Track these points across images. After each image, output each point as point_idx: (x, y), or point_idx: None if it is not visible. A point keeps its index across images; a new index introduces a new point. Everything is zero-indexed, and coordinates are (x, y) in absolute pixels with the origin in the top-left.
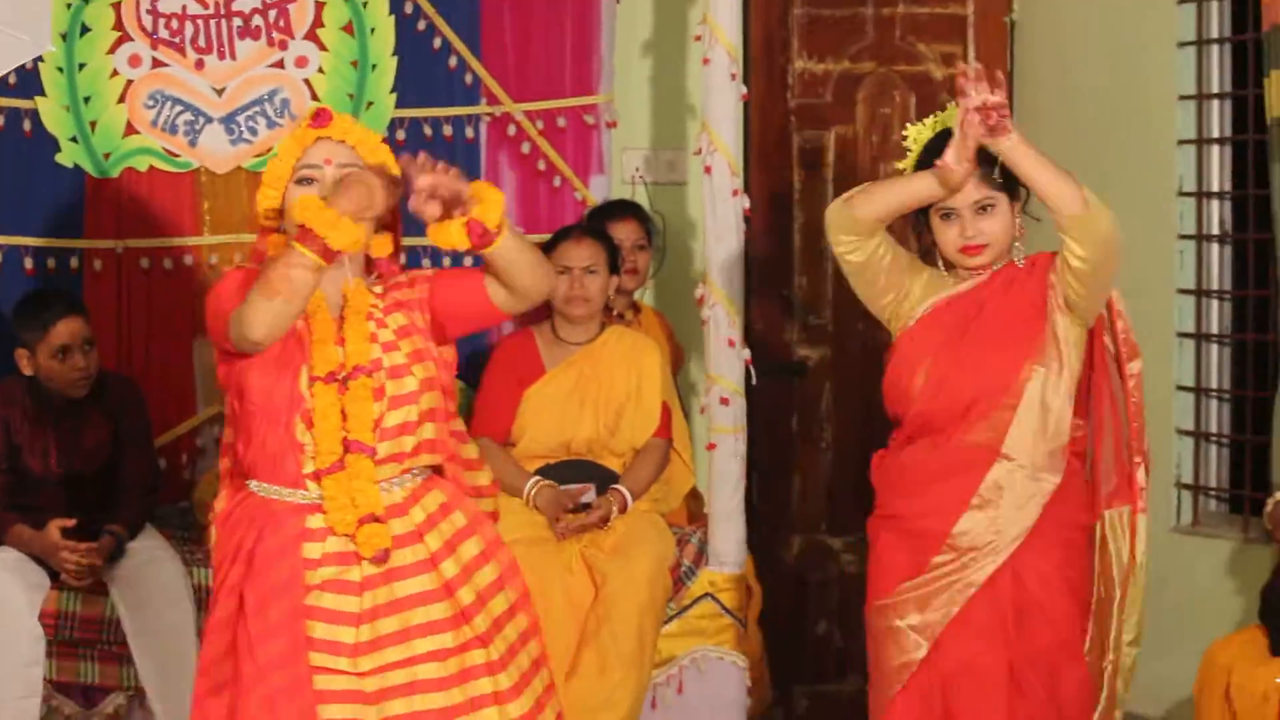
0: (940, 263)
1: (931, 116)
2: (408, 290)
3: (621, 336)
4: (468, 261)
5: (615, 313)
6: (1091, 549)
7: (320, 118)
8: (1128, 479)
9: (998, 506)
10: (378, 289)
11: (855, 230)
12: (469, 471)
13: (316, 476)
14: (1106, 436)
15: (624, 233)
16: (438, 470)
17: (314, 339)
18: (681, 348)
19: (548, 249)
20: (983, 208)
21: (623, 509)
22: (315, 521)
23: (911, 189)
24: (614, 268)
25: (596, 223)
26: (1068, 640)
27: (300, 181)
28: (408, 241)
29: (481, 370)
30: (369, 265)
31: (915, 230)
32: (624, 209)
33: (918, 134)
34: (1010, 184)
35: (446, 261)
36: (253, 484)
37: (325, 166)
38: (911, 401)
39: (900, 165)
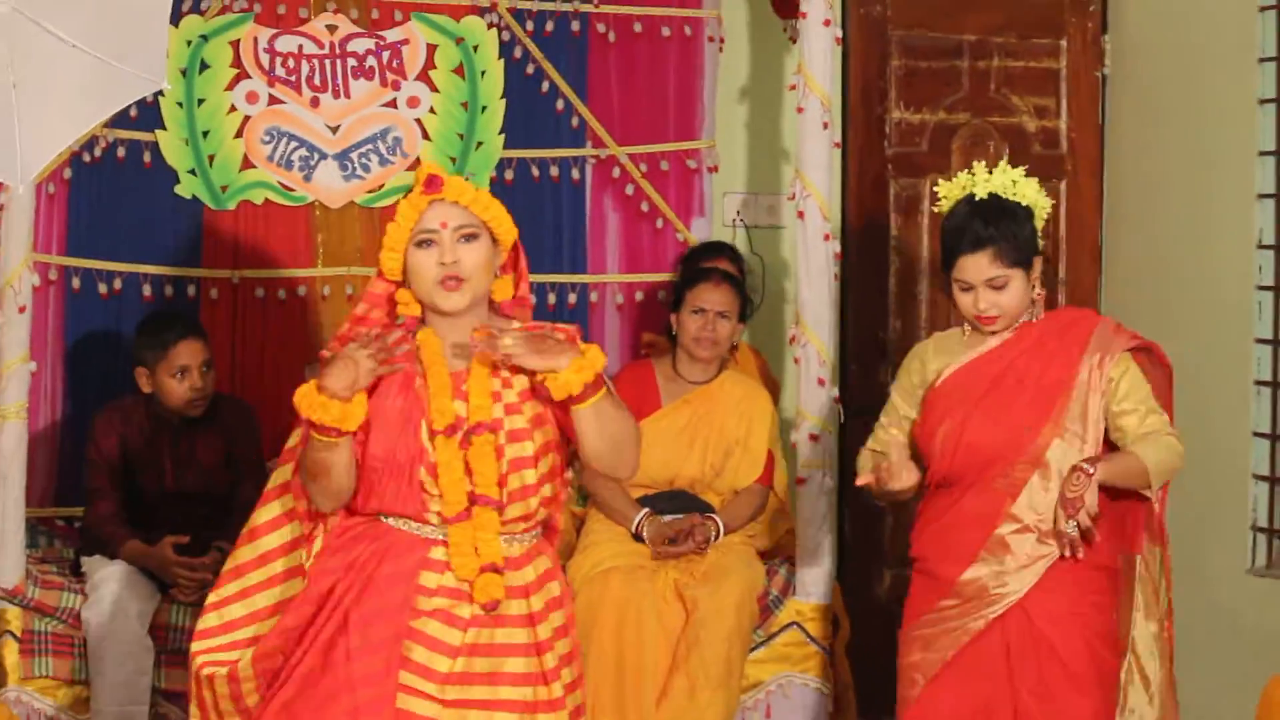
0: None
1: (965, 173)
2: None
3: (737, 382)
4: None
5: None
6: (1114, 588)
7: (432, 184)
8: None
9: (1002, 563)
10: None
11: None
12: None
13: (443, 520)
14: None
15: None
16: (546, 524)
17: (430, 393)
18: (777, 382)
19: (682, 286)
20: (996, 287)
21: (716, 537)
22: (437, 553)
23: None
24: (743, 316)
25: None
26: (1078, 674)
27: (420, 244)
28: (533, 278)
29: None
30: (493, 306)
31: (946, 292)
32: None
33: (948, 191)
34: (1023, 258)
35: (552, 298)
36: (380, 516)
37: (442, 230)
38: (933, 457)
39: (937, 209)
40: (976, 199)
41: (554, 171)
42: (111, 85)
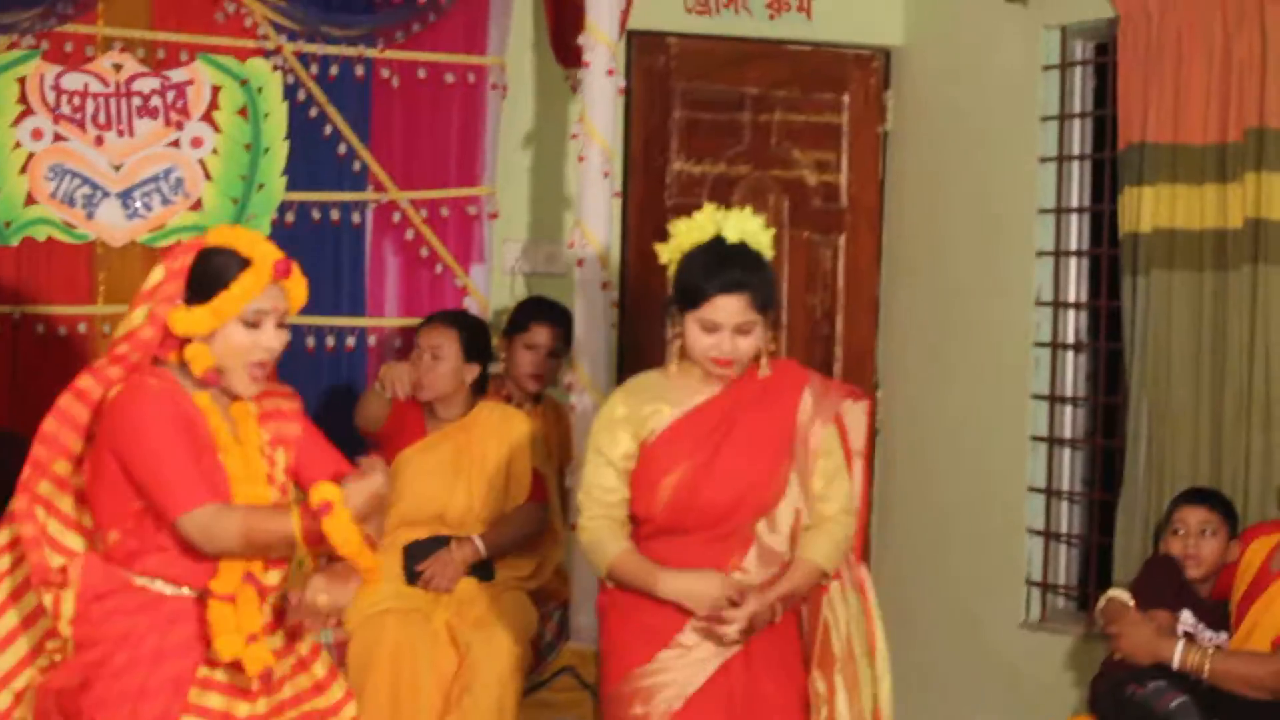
0: (674, 354)
1: (705, 213)
2: (281, 424)
3: (492, 411)
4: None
5: (514, 401)
6: (795, 626)
7: (283, 270)
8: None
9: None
10: (253, 408)
11: None
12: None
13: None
14: None
15: (542, 337)
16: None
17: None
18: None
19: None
20: (743, 331)
21: (473, 556)
22: None
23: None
24: (470, 355)
25: (523, 316)
26: None
27: (248, 322)
28: (299, 320)
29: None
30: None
31: (665, 314)
32: (550, 313)
33: (689, 230)
34: (768, 305)
35: (330, 341)
36: (139, 578)
37: (272, 313)
38: (658, 507)
39: (666, 255)
40: (729, 242)
41: (335, 215)
42: None
